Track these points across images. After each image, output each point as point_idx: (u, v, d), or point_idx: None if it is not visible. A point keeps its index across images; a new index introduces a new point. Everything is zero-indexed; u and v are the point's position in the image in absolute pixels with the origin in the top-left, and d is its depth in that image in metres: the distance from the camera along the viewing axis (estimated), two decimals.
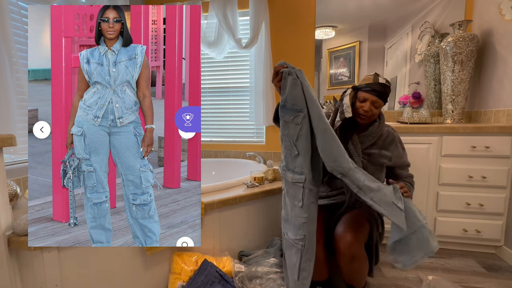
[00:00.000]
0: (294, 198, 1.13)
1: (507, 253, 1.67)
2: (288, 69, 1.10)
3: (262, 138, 2.66)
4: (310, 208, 1.11)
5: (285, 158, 1.17)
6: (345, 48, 2.34)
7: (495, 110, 1.81)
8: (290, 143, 1.11)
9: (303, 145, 1.08)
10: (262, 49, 2.38)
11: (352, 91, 1.22)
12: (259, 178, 1.73)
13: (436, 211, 1.78)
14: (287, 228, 1.20)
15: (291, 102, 1.07)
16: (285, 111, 1.10)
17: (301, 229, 1.12)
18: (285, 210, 1.22)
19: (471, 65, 1.84)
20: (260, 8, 2.30)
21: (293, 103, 1.07)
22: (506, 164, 1.65)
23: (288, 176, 1.14)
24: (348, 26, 2.31)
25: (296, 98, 1.06)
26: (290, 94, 1.07)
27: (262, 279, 1.33)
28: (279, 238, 1.66)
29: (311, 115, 1.06)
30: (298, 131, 1.08)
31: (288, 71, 1.08)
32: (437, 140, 1.73)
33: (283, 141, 1.15)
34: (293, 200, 1.13)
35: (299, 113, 1.07)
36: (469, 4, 2.06)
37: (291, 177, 1.12)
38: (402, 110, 2.19)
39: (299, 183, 1.10)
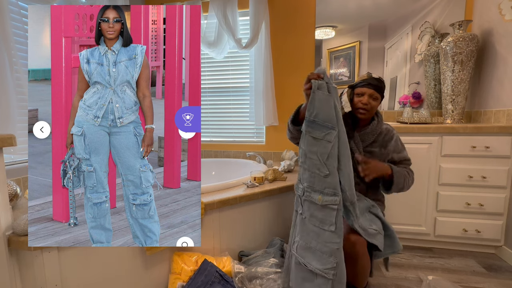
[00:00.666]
0: (323, 223, 1.04)
1: (507, 253, 1.67)
2: (319, 82, 1.03)
3: (262, 138, 2.66)
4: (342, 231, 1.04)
5: (310, 178, 1.07)
6: (345, 48, 2.34)
7: (495, 110, 1.81)
8: (319, 162, 1.03)
9: (334, 164, 1.02)
10: (262, 49, 2.38)
11: (349, 89, 1.28)
12: (259, 178, 1.73)
13: (436, 211, 1.78)
14: (309, 257, 1.07)
15: (322, 118, 1.03)
16: (314, 127, 1.04)
17: (333, 256, 1.02)
18: (304, 238, 1.09)
19: (471, 65, 1.84)
20: (260, 8, 2.30)
21: (324, 120, 1.02)
22: (506, 164, 1.65)
23: (315, 198, 1.05)
24: (348, 26, 2.31)
25: (328, 115, 1.02)
26: (322, 110, 1.02)
27: (262, 280, 1.33)
28: (279, 238, 1.66)
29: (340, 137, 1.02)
30: (329, 149, 1.02)
31: (318, 85, 1.03)
32: (437, 140, 1.73)
33: (308, 158, 1.07)
34: (322, 225, 1.04)
35: (332, 131, 1.02)
36: (469, 4, 2.06)
37: (320, 199, 1.03)
38: (402, 110, 2.19)
39: (333, 205, 1.02)
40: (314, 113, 1.04)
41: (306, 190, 1.08)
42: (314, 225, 1.06)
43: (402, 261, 1.69)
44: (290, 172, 2.08)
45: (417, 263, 1.66)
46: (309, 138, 1.06)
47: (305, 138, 1.08)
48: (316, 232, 1.05)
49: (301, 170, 1.11)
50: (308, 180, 1.07)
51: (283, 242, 1.63)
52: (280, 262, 1.44)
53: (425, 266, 1.62)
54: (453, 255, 1.76)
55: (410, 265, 1.64)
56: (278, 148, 2.57)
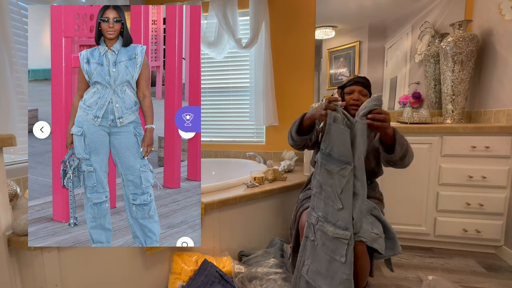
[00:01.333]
0: (334, 253, 1.05)
1: (507, 253, 1.67)
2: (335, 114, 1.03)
3: (262, 138, 2.66)
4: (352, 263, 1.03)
5: (325, 208, 1.08)
6: (345, 48, 2.34)
7: (495, 110, 1.81)
8: (333, 195, 1.04)
9: (349, 199, 1.02)
10: (262, 49, 2.38)
11: (339, 90, 1.35)
12: (259, 178, 1.73)
13: (436, 211, 1.78)
14: (320, 281, 1.08)
15: (338, 152, 1.03)
16: (329, 160, 1.05)
17: (342, 285, 1.04)
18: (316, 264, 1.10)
19: (471, 65, 1.84)
20: (260, 8, 2.30)
21: (340, 154, 1.03)
22: (506, 164, 1.65)
23: (328, 230, 1.06)
24: (348, 26, 2.31)
25: (344, 150, 1.02)
26: (337, 144, 1.03)
27: (262, 280, 1.33)
28: (279, 238, 1.66)
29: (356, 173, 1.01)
30: (344, 184, 1.02)
31: (334, 117, 1.02)
32: (437, 140, 1.73)
33: (324, 189, 1.07)
34: (333, 254, 1.05)
35: (347, 166, 1.02)
36: (469, 4, 2.06)
37: (332, 231, 1.04)
38: (402, 110, 2.19)
39: (343, 239, 1.03)
40: (330, 146, 1.05)
41: (320, 220, 1.09)
42: (325, 253, 1.07)
43: (402, 261, 1.69)
44: (290, 172, 2.08)
45: (417, 263, 1.66)
46: (324, 170, 1.07)
47: (320, 170, 1.09)
48: (328, 260, 1.06)
49: (316, 199, 1.12)
50: (323, 210, 1.08)
51: (283, 242, 1.63)
52: (280, 262, 1.44)
53: (425, 266, 1.62)
54: (453, 255, 1.76)
55: (410, 265, 1.64)
56: (278, 148, 2.57)
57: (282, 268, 1.40)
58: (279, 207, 1.73)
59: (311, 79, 2.44)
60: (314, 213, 1.12)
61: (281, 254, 1.51)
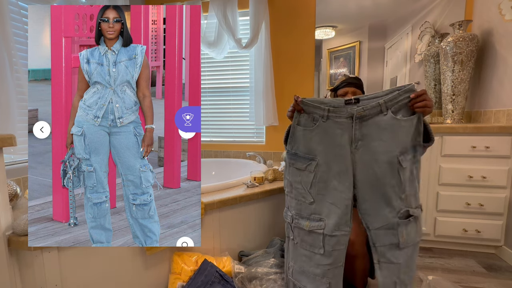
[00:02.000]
0: (312, 246, 1.08)
1: (507, 253, 1.67)
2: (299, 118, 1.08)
3: (262, 138, 2.66)
4: (334, 254, 1.05)
5: (297, 206, 1.12)
6: (345, 48, 2.34)
7: (495, 110, 1.81)
8: (304, 190, 1.09)
9: (318, 191, 1.06)
10: (262, 49, 2.38)
11: (331, 92, 1.36)
12: (259, 178, 1.73)
13: (436, 211, 1.78)
14: (304, 281, 1.11)
15: (303, 151, 1.08)
16: (296, 159, 1.10)
17: (325, 277, 1.06)
18: (298, 263, 1.13)
19: (471, 65, 1.84)
20: (260, 8, 2.30)
21: (305, 152, 1.08)
22: (506, 164, 1.65)
23: (303, 225, 1.09)
24: (348, 26, 2.31)
25: (308, 148, 1.07)
26: (301, 144, 1.08)
27: (262, 280, 1.33)
28: (279, 238, 1.66)
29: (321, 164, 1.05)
30: (311, 179, 1.06)
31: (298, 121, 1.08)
32: (437, 140, 1.73)
33: (294, 188, 1.12)
34: (311, 248, 1.08)
35: (311, 162, 1.06)
36: (469, 4, 2.06)
37: (307, 225, 1.08)
38: None
39: (318, 230, 1.05)
40: (295, 146, 1.10)
41: (294, 218, 1.12)
42: (305, 249, 1.10)
43: None
44: None
45: (417, 263, 1.66)
46: (293, 169, 1.11)
47: (289, 169, 1.13)
48: (308, 255, 1.09)
49: (288, 198, 1.16)
50: (296, 208, 1.12)
51: (283, 242, 1.63)
52: (280, 262, 1.44)
53: (425, 266, 1.62)
54: (453, 255, 1.76)
55: None
56: (278, 148, 2.57)
57: (282, 268, 1.40)
58: (279, 207, 1.73)
59: (311, 79, 2.44)
60: (289, 212, 1.15)
61: (281, 254, 1.51)
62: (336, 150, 1.03)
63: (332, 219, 1.04)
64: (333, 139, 1.03)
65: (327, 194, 1.05)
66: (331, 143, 1.03)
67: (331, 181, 1.04)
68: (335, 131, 1.02)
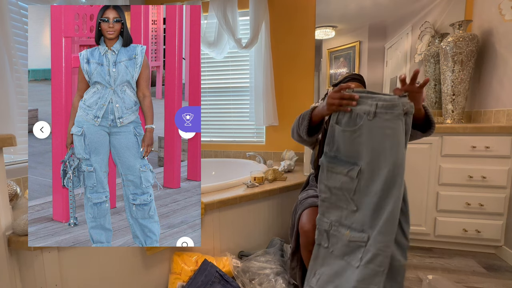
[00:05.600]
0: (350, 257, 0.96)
1: (507, 253, 1.67)
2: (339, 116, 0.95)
3: (262, 138, 2.66)
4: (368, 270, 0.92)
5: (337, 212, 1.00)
6: (345, 48, 2.34)
7: (495, 110, 1.81)
8: (345, 198, 0.98)
9: (364, 200, 0.94)
10: (262, 49, 2.38)
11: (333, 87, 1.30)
12: (259, 178, 1.73)
13: (436, 211, 1.78)
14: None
15: (344, 154, 0.97)
16: (336, 162, 0.98)
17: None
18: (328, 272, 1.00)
19: (471, 65, 1.84)
20: (260, 8, 2.30)
21: (347, 155, 0.96)
22: (506, 164, 1.65)
23: (343, 233, 0.98)
24: (348, 26, 2.31)
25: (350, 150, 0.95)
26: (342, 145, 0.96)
27: (262, 280, 1.33)
28: (279, 238, 1.66)
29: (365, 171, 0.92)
30: (355, 185, 0.95)
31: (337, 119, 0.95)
32: (437, 140, 1.73)
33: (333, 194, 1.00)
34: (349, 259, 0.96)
35: (354, 167, 0.94)
36: (469, 4, 2.06)
37: (348, 234, 0.96)
38: None
39: (360, 242, 0.94)
40: (334, 147, 0.98)
41: (333, 225, 1.01)
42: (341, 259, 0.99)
43: None
44: (290, 172, 2.08)
45: (417, 263, 1.66)
46: (332, 174, 1.00)
47: (326, 173, 1.01)
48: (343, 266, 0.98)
49: (326, 204, 1.04)
50: (336, 215, 1.01)
51: (283, 242, 1.63)
52: (280, 262, 1.44)
53: (425, 266, 1.62)
54: (453, 255, 1.76)
55: (410, 265, 1.64)
56: (278, 148, 2.57)
57: (282, 268, 1.40)
58: (279, 207, 1.73)
59: (311, 79, 2.44)
60: (325, 219, 1.04)
61: (281, 254, 1.51)
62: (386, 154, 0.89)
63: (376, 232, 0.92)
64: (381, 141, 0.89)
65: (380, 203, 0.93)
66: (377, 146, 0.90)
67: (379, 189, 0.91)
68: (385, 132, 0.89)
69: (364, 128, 0.91)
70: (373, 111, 0.89)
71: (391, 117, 0.87)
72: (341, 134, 0.96)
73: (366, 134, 0.91)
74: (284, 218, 1.76)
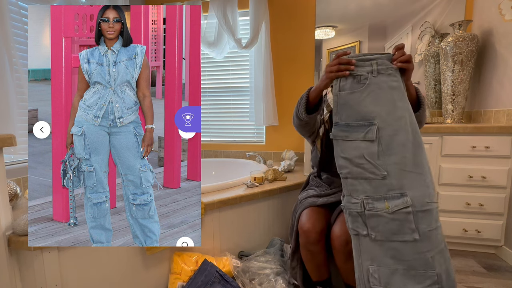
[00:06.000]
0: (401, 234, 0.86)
1: (507, 253, 1.67)
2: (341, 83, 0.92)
3: (262, 138, 2.66)
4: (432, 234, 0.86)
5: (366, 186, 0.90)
6: (345, 48, 2.34)
7: (495, 110, 1.81)
8: (370, 164, 0.88)
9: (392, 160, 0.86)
10: (262, 49, 2.38)
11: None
12: (259, 178, 1.73)
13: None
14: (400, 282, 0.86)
15: (356, 118, 0.90)
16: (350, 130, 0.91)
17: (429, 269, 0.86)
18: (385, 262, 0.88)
19: (471, 65, 1.84)
20: (260, 8, 2.30)
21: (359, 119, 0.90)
22: (506, 164, 1.65)
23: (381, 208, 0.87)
24: (348, 26, 2.31)
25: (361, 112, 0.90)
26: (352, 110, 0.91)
27: (261, 279, 1.33)
28: (279, 238, 1.66)
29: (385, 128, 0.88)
30: (376, 147, 0.88)
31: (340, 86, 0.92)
32: (437, 140, 1.73)
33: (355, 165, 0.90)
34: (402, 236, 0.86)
35: (371, 127, 0.88)
36: (469, 4, 2.06)
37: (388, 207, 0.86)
38: None
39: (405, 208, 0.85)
40: (344, 115, 0.92)
41: (366, 203, 0.89)
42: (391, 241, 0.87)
43: None
44: (290, 172, 2.08)
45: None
46: (348, 143, 0.91)
47: (342, 145, 0.93)
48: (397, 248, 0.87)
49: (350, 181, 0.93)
50: (364, 189, 0.90)
51: (283, 242, 1.63)
52: (280, 262, 1.44)
53: None
54: (453, 255, 1.76)
55: None
56: (278, 148, 2.57)
57: (282, 268, 1.40)
58: (279, 207, 1.73)
59: (311, 79, 2.43)
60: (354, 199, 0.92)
61: (281, 254, 1.51)
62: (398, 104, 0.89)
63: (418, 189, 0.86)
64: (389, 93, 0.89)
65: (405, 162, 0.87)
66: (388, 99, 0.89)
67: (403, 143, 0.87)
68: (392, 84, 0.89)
69: (372, 85, 0.90)
70: (376, 69, 0.90)
71: (392, 71, 0.91)
72: (349, 98, 0.91)
73: (375, 90, 0.89)
74: (284, 218, 1.76)
